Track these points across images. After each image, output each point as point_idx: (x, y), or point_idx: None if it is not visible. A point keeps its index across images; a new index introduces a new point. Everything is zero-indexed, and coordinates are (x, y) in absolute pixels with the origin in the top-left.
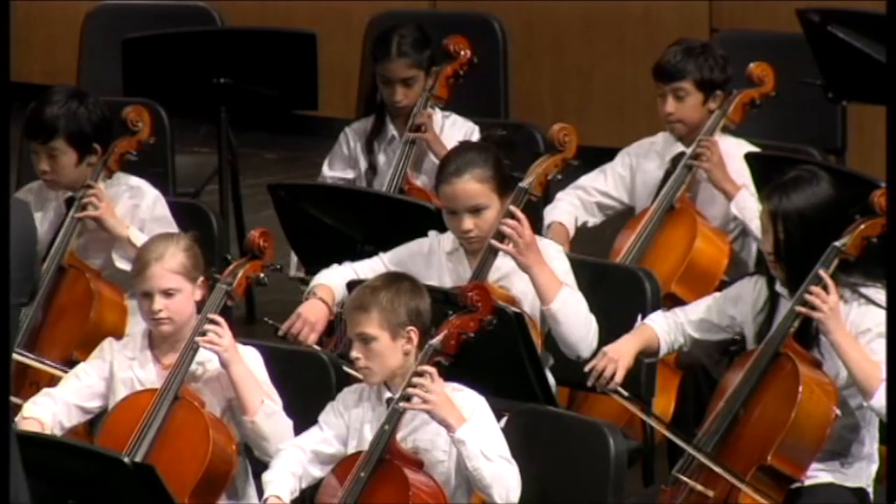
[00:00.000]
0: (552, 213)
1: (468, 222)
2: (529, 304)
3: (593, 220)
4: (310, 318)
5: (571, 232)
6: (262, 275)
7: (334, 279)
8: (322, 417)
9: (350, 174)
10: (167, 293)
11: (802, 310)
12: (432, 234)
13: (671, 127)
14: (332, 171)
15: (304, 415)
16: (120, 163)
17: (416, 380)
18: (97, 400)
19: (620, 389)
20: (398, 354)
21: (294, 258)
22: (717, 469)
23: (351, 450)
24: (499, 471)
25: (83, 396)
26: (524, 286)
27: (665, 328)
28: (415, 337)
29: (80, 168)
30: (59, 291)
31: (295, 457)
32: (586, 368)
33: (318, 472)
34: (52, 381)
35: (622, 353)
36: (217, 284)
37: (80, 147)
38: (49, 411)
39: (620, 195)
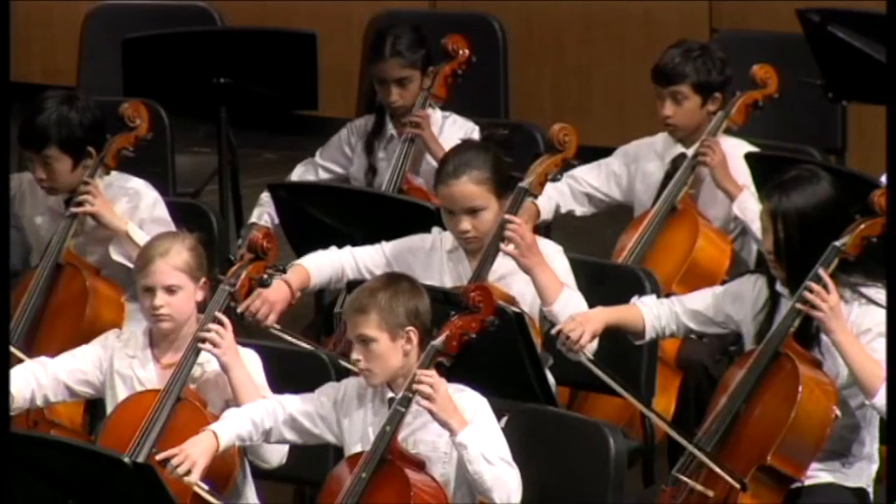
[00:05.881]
0: None
1: (465, 223)
2: (529, 304)
3: (581, 209)
4: (269, 297)
5: (546, 215)
6: (265, 276)
7: (318, 262)
8: (318, 392)
9: (337, 169)
10: (169, 290)
11: (803, 307)
12: (435, 230)
13: (670, 130)
14: (322, 161)
15: None
16: (117, 159)
17: (416, 387)
18: (86, 387)
19: (586, 352)
20: (398, 355)
21: None
22: (709, 463)
23: (355, 450)
24: (500, 474)
25: (73, 378)
26: (523, 286)
27: (655, 313)
28: (414, 337)
29: (76, 173)
30: (56, 289)
31: (269, 409)
32: (553, 331)
33: (290, 435)
34: None
35: (590, 318)
36: (220, 285)
37: (74, 152)
38: (32, 383)
39: (611, 192)
